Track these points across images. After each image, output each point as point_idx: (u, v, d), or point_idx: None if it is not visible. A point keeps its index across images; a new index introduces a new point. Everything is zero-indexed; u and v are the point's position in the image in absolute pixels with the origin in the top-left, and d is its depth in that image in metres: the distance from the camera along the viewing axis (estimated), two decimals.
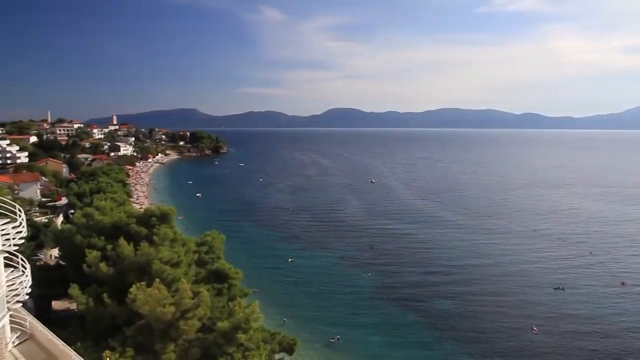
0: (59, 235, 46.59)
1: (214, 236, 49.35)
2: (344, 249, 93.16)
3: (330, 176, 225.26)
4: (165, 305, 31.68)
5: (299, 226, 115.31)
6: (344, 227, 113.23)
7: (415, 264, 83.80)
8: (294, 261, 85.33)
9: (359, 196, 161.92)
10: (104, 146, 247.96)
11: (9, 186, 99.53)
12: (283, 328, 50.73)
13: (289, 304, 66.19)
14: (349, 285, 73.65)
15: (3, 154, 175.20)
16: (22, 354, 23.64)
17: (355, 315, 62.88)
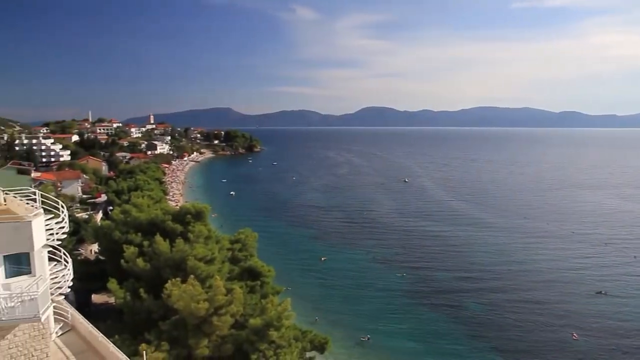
0: (99, 231, 48.09)
1: (247, 234, 49.92)
2: (376, 249, 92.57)
3: (362, 175, 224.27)
4: (199, 301, 32.22)
5: (332, 225, 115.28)
6: (377, 227, 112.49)
7: (449, 266, 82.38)
8: (326, 260, 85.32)
9: (391, 196, 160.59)
10: (141, 145, 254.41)
11: (53, 183, 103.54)
12: (314, 326, 50.80)
13: (321, 303, 66.26)
14: (381, 285, 73.15)
15: (47, 152, 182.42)
16: (65, 344, 24.51)
17: (387, 316, 62.36)
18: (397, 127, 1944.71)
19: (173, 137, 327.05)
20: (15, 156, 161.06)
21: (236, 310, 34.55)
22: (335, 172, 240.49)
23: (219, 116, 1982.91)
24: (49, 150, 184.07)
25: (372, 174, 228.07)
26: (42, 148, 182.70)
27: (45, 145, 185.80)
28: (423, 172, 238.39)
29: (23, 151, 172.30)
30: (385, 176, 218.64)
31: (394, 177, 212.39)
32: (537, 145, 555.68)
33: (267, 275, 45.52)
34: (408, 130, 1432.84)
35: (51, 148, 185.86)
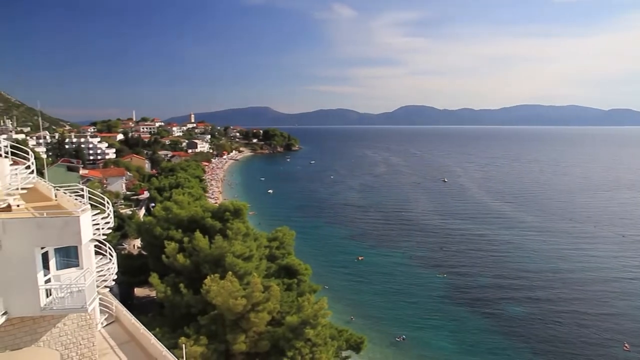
0: (141, 227, 49.49)
1: (285, 232, 50.36)
2: (413, 249, 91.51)
3: (400, 174, 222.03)
4: (237, 297, 32.73)
5: (369, 224, 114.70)
6: (414, 227, 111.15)
7: (489, 268, 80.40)
8: (363, 259, 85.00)
9: (430, 195, 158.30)
10: (182, 143, 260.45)
11: (99, 180, 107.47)
12: (350, 325, 50.79)
13: (357, 302, 66.10)
14: (418, 286, 72.27)
15: (94, 151, 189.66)
16: (110, 335, 25.46)
17: (423, 317, 61.56)
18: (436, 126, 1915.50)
19: (213, 135, 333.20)
20: (65, 154, 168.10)
21: (273, 308, 34.92)
22: (372, 171, 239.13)
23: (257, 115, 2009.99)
24: (95, 148, 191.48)
25: (410, 174, 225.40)
26: (90, 146, 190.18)
27: (93, 143, 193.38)
28: (463, 171, 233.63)
29: (72, 149, 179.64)
30: (424, 176, 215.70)
31: (433, 177, 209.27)
32: (585, 145, 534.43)
33: (304, 273, 45.80)
34: (447, 129, 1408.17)
35: (98, 146, 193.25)
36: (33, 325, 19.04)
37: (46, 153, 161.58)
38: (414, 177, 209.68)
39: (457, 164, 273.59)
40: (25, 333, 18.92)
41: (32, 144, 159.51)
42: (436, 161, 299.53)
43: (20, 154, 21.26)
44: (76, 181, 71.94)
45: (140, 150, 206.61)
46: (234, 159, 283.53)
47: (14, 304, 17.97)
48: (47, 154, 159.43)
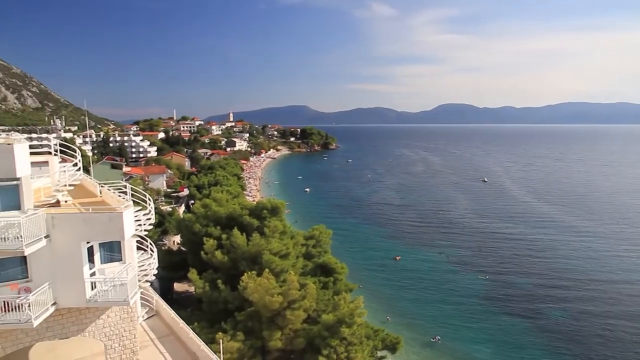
0: (181, 223, 50.64)
1: (322, 230, 50.44)
2: (451, 250, 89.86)
3: (439, 174, 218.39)
4: (274, 294, 33.00)
5: (406, 224, 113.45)
6: (452, 227, 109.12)
7: (530, 271, 77.93)
8: (400, 259, 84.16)
9: (468, 196, 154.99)
10: (221, 142, 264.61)
11: (141, 177, 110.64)
12: (386, 325, 50.39)
13: (393, 302, 65.52)
14: (455, 287, 70.95)
15: (137, 149, 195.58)
16: (150, 328, 26.18)
17: (460, 319, 60.40)
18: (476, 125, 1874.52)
19: (251, 134, 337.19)
20: (110, 152, 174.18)
21: (309, 305, 35.03)
22: (410, 170, 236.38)
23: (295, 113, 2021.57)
24: (138, 146, 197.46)
25: (449, 173, 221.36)
26: (132, 145, 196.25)
27: (135, 142, 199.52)
28: (503, 171, 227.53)
29: (116, 147, 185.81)
30: (463, 175, 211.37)
31: (472, 177, 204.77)
32: (636, 143, 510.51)
33: (340, 272, 45.77)
34: (488, 128, 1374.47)
35: (140, 145, 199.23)
36: (79, 316, 19.78)
37: (92, 151, 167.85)
38: (452, 177, 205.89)
39: (498, 164, 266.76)
40: (72, 323, 19.68)
41: (79, 142, 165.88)
42: (476, 160, 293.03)
43: (69, 152, 22.07)
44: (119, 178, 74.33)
45: (181, 149, 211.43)
46: (271, 157, 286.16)
47: (62, 295, 18.72)
48: (92, 152, 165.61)
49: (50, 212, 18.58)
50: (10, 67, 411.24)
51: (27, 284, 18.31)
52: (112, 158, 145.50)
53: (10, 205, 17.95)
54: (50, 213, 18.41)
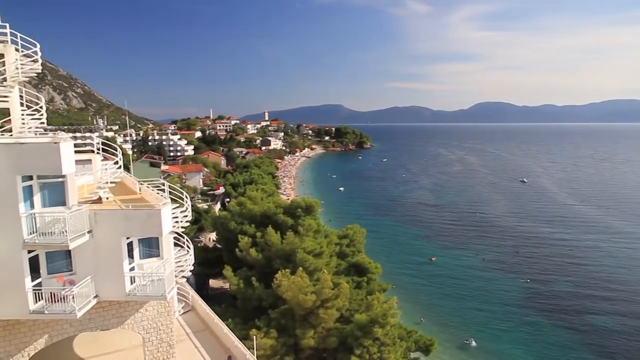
0: (217, 221, 51.49)
1: (356, 230, 50.35)
2: (488, 252, 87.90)
3: (476, 174, 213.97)
4: (307, 293, 33.14)
5: (442, 225, 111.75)
6: (489, 229, 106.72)
7: (571, 276, 74.96)
8: (436, 260, 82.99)
9: (507, 197, 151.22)
10: (256, 140, 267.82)
11: (179, 175, 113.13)
12: (419, 327, 49.76)
13: (427, 303, 64.69)
14: (491, 290, 69.36)
15: (174, 147, 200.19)
16: (186, 323, 26.77)
17: (496, 322, 59.02)
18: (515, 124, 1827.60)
19: (286, 133, 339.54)
20: (148, 151, 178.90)
21: (342, 305, 35.02)
22: (446, 170, 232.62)
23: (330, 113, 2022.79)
24: (175, 145, 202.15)
25: (486, 173, 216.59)
26: (170, 143, 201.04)
27: (173, 140, 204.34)
28: (543, 172, 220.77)
29: (155, 146, 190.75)
30: (501, 176, 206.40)
31: (511, 177, 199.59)
32: None
33: (374, 271, 45.57)
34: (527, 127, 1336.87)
35: (178, 143, 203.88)
36: (119, 309, 20.43)
37: (132, 150, 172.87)
38: (490, 177, 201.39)
39: (538, 164, 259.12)
40: (113, 316, 20.36)
41: (120, 141, 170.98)
42: (514, 160, 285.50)
43: (110, 151, 22.79)
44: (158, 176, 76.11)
45: (217, 147, 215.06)
46: (306, 156, 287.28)
47: (103, 289, 19.38)
48: (132, 151, 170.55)
49: (93, 208, 19.26)
50: (57, 69, 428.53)
51: (72, 277, 19.06)
52: (151, 156, 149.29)
53: (56, 201, 18.69)
54: (93, 209, 19.08)
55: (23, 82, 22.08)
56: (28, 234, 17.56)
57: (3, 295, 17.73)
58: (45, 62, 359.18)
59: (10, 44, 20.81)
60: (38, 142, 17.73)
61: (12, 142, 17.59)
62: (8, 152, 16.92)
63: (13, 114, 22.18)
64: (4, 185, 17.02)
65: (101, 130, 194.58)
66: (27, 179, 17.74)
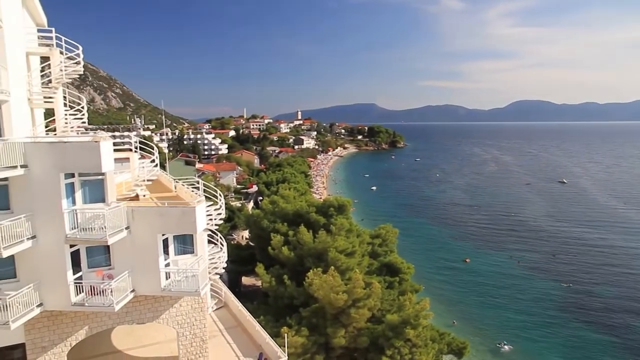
0: (249, 219, 52.05)
1: (388, 229, 50.01)
2: (523, 254, 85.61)
3: (512, 174, 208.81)
4: (338, 292, 33.14)
5: (476, 225, 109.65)
6: (525, 231, 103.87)
7: (613, 282, 71.77)
8: (470, 262, 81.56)
9: (544, 198, 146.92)
10: (289, 139, 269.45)
11: (213, 174, 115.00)
12: (452, 329, 48.97)
13: (461, 305, 63.61)
14: (527, 293, 67.55)
15: (209, 146, 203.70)
16: (218, 319, 27.21)
17: (531, 326, 57.45)
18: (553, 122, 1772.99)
19: (318, 132, 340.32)
20: (184, 149, 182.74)
21: (373, 305, 34.87)
22: (481, 170, 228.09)
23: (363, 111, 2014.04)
24: (210, 144, 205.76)
25: (523, 173, 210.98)
26: (205, 142, 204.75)
27: (207, 139, 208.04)
28: (584, 172, 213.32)
29: (190, 145, 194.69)
30: (539, 176, 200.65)
31: (549, 178, 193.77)
32: None
33: (406, 272, 45.18)
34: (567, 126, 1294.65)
35: (212, 142, 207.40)
36: (154, 304, 20.98)
37: (168, 148, 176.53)
38: (527, 177, 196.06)
39: (578, 164, 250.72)
40: (148, 310, 20.93)
41: (156, 139, 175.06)
42: (553, 160, 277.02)
43: (147, 149, 23.42)
44: (192, 174, 77.69)
45: (250, 146, 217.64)
46: (338, 155, 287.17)
47: (140, 283, 19.96)
48: (168, 149, 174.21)
49: (131, 205, 19.84)
50: (97, 70, 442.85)
51: (110, 271, 19.71)
52: (186, 155, 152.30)
53: (96, 198, 19.39)
54: (131, 206, 19.66)
55: (66, 84, 22.96)
56: (70, 229, 18.29)
57: (48, 288, 18.54)
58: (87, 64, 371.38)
59: (55, 47, 21.70)
60: (80, 141, 18.42)
61: (56, 141, 18.34)
62: (52, 151, 17.65)
63: (57, 114, 23.12)
64: (48, 182, 17.77)
65: (139, 129, 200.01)
66: (70, 176, 18.47)
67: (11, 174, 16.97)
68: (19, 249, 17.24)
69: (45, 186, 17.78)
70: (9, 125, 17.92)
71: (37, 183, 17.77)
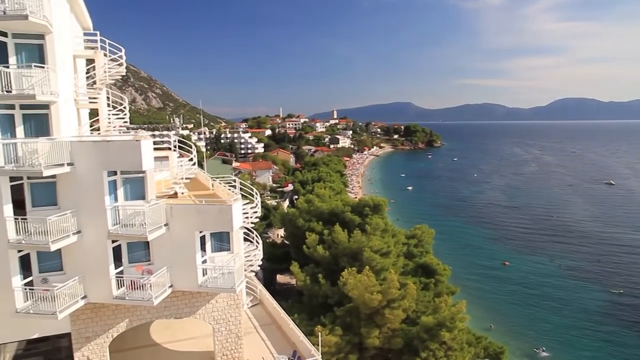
0: (285, 218, 52.50)
1: (424, 230, 49.47)
2: (565, 258, 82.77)
3: (554, 175, 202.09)
4: (373, 292, 33.01)
5: (515, 228, 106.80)
6: (567, 234, 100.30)
7: None
8: (509, 265, 79.51)
9: (589, 200, 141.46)
10: (325, 139, 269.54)
11: (249, 172, 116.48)
12: (489, 333, 47.96)
13: (499, 309, 62.17)
14: (569, 299, 65.34)
15: (245, 145, 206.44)
16: (253, 316, 27.57)
17: (572, 332, 55.62)
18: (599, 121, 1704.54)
19: (354, 131, 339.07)
20: (221, 148, 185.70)
21: (408, 306, 34.56)
22: (521, 170, 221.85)
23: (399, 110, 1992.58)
24: (246, 143, 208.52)
25: (566, 174, 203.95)
26: (241, 141, 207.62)
27: (244, 138, 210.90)
28: (633, 173, 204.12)
29: (227, 144, 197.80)
30: (583, 177, 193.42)
31: (594, 179, 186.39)
32: None
33: (442, 273, 44.54)
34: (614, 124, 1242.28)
35: (248, 141, 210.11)
36: (192, 299, 21.46)
37: (205, 147, 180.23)
38: (569, 178, 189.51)
39: (626, 165, 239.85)
40: (186, 305, 21.43)
41: (195, 139, 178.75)
42: (599, 161, 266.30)
43: (185, 148, 23.97)
44: (229, 173, 78.86)
45: (286, 145, 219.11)
46: (374, 154, 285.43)
47: (178, 279, 20.45)
48: (206, 148, 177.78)
49: (169, 202, 20.35)
50: (138, 71, 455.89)
51: (150, 267, 20.30)
52: (223, 154, 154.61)
53: (137, 195, 20.01)
54: (169, 204, 20.16)
55: (109, 84, 23.76)
56: (112, 225, 18.93)
57: (91, 281, 19.28)
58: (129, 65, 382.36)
59: (99, 49, 22.50)
60: (122, 141, 19.06)
61: (100, 140, 19.03)
62: (97, 150, 18.33)
63: (101, 114, 23.97)
64: (93, 180, 18.47)
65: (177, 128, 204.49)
66: (112, 174, 19.13)
67: (59, 171, 17.73)
68: (65, 243, 18.00)
69: (89, 183, 18.50)
70: (57, 125, 18.69)
71: (82, 180, 18.51)
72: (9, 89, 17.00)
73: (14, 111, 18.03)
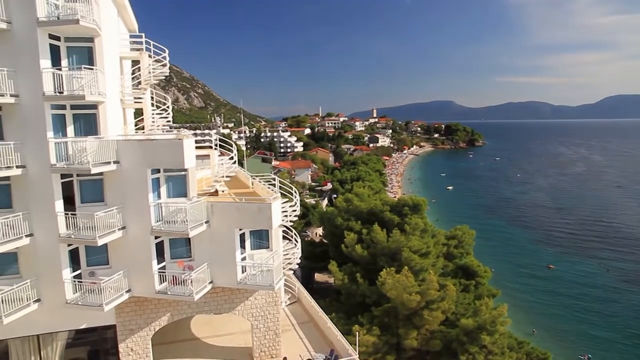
0: (323, 216, 52.59)
1: (465, 231, 48.49)
2: (614, 263, 79.16)
3: (603, 176, 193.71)
4: (412, 293, 32.63)
5: (561, 230, 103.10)
6: (617, 237, 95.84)
7: None
8: (554, 269, 76.85)
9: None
10: (364, 138, 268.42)
11: (288, 171, 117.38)
12: (531, 339, 46.46)
13: (542, 314, 60.18)
14: (617, 305, 62.47)
15: (285, 144, 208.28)
16: (291, 313, 27.75)
17: (621, 341, 53.09)
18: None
19: (394, 130, 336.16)
20: (261, 147, 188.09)
21: (447, 307, 33.98)
22: (567, 170, 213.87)
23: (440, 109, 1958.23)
24: (286, 142, 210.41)
25: (616, 175, 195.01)
26: (281, 140, 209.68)
27: (283, 137, 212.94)
28: None
29: (266, 142, 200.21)
30: (635, 178, 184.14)
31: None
32: None
33: (483, 275, 43.56)
34: None
35: (288, 140, 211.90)
36: (231, 296, 21.83)
37: (245, 146, 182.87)
38: (620, 179, 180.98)
39: None
40: (225, 301, 21.82)
41: (235, 137, 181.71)
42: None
43: (226, 147, 24.38)
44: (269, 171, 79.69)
45: (325, 144, 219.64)
46: (414, 153, 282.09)
47: (217, 276, 20.82)
48: (246, 147, 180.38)
49: (210, 200, 20.74)
50: (181, 72, 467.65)
51: (191, 263, 20.77)
52: (263, 152, 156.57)
53: (179, 193, 20.53)
54: (210, 201, 20.55)
55: (153, 85, 24.46)
56: (155, 221, 19.48)
57: (135, 275, 19.93)
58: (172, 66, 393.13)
59: (144, 51, 23.20)
60: (165, 139, 19.59)
61: (144, 139, 19.61)
62: (141, 148, 18.91)
63: (145, 114, 24.71)
64: (137, 177, 19.08)
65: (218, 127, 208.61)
66: (156, 172, 19.69)
67: (105, 169, 18.43)
68: (111, 238, 18.69)
69: (134, 181, 19.11)
70: (104, 124, 19.40)
71: (127, 178, 19.15)
72: (61, 90, 17.77)
73: (65, 111, 18.85)
